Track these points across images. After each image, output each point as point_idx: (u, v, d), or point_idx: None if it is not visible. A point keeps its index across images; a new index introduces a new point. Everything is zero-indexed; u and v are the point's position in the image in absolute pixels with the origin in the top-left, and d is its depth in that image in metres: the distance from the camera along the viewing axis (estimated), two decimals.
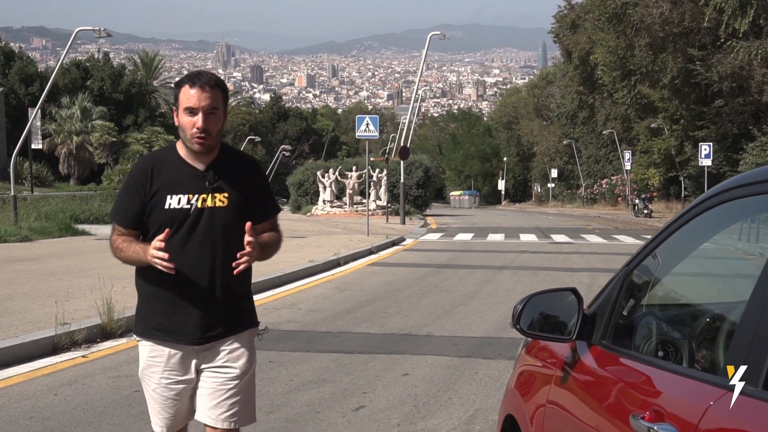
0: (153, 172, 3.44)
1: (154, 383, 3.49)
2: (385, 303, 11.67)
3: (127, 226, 3.46)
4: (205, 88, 3.35)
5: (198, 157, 3.44)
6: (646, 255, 2.64)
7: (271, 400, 6.30)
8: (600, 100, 60.58)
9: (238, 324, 3.53)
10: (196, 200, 3.41)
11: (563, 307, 2.80)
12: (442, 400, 6.43)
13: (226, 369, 3.49)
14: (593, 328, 2.72)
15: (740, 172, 2.53)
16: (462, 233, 28.75)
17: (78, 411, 5.95)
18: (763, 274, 1.93)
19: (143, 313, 3.55)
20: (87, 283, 11.50)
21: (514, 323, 2.74)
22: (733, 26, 28.78)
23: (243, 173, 3.52)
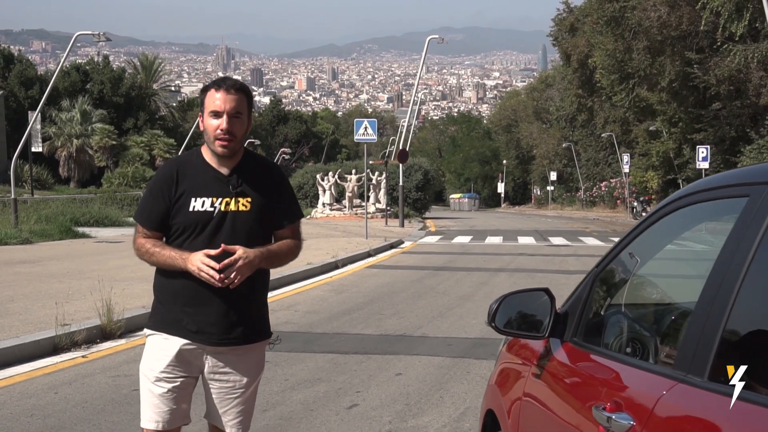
0: (178, 175, 3.52)
1: (156, 375, 3.52)
2: (381, 305, 11.82)
3: (152, 228, 3.53)
4: (230, 91, 3.46)
5: (222, 161, 3.52)
6: (614, 257, 2.80)
7: (266, 399, 6.45)
8: (599, 103, 60.77)
9: (255, 333, 3.58)
10: (219, 203, 3.47)
11: (539, 306, 2.95)
12: (434, 398, 6.58)
13: (237, 377, 3.56)
14: (565, 325, 2.87)
15: None
16: (460, 236, 28.90)
17: (78, 409, 6.10)
18: (711, 275, 2.08)
19: (161, 310, 3.58)
20: (87, 285, 11.65)
21: (489, 321, 2.90)
22: (730, 30, 28.92)
23: (266, 178, 3.60)
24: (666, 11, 38.86)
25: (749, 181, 2.16)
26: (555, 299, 2.89)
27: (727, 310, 1.96)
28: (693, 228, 2.49)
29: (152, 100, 73.98)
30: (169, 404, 3.53)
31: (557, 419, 2.66)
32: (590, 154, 72.33)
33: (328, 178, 41.26)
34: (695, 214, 2.44)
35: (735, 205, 2.12)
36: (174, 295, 3.52)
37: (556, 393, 2.74)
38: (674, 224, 2.57)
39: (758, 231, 1.97)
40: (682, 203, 2.45)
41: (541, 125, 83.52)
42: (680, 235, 2.60)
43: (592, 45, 50.77)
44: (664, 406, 2.04)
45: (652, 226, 2.61)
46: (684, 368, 2.07)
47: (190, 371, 3.55)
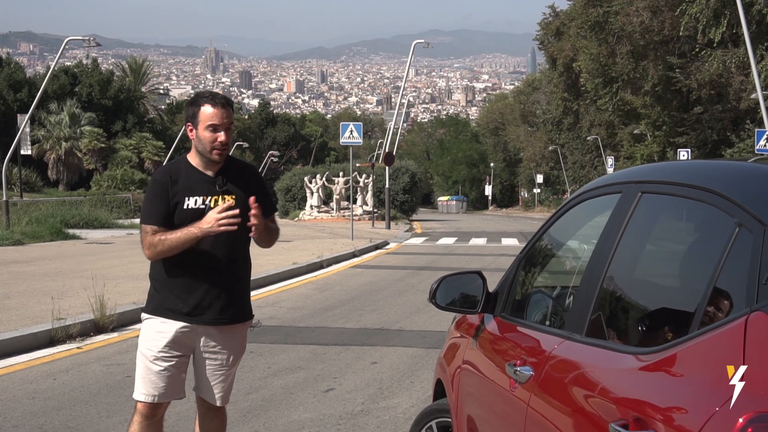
0: (172, 178, 4.09)
1: (154, 354, 4.05)
2: (362, 302, 12.35)
3: (159, 224, 4.03)
4: (225, 107, 4.06)
5: (208, 165, 4.10)
6: (533, 245, 3.34)
7: (250, 384, 6.98)
8: (584, 106, 61.43)
9: (241, 314, 4.19)
10: (209, 201, 4.06)
11: (477, 287, 3.48)
12: (405, 383, 7.12)
13: (224, 355, 4.15)
14: (496, 303, 3.41)
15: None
16: (445, 237, 29.45)
17: (75, 392, 6.62)
18: (590, 259, 2.63)
19: (159, 296, 4.11)
20: (79, 283, 12.14)
21: (430, 298, 3.43)
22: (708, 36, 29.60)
23: (246, 178, 4.19)
24: (648, 16, 39.53)
25: (622, 180, 2.71)
26: (486, 280, 3.42)
27: (598, 285, 2.51)
28: (589, 220, 3.02)
29: (141, 102, 74.31)
30: (165, 381, 4.08)
31: (484, 378, 3.20)
32: (576, 157, 73.06)
33: (315, 181, 41.76)
34: (589, 208, 2.98)
35: (612, 201, 2.66)
36: (170, 284, 4.08)
37: (484, 358, 3.29)
38: (576, 216, 3.12)
39: (623, 221, 2.52)
40: (580, 199, 3.00)
41: (528, 128, 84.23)
42: (583, 224, 3.14)
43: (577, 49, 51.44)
44: (553, 358, 2.59)
45: (560, 218, 3.17)
46: (570, 329, 2.61)
47: (184, 351, 4.12)
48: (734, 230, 1.98)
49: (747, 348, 1.75)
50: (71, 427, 5.71)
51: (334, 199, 40.76)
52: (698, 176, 2.29)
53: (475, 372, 3.35)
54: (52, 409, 6.13)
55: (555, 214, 3.21)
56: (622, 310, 2.47)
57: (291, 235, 27.06)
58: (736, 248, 1.95)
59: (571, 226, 3.23)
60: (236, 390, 6.71)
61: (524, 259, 3.36)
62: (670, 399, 1.91)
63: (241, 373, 7.40)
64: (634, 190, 2.57)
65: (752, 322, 1.77)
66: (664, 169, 2.56)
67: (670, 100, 43.95)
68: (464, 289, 3.48)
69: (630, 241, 2.50)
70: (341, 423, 5.92)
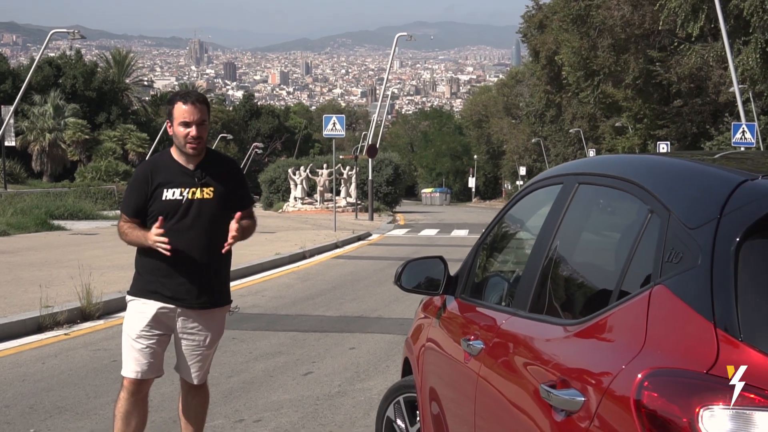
0: (152, 173, 4.37)
1: (137, 333, 4.35)
2: (343, 291, 12.64)
3: (132, 216, 4.38)
4: (196, 104, 4.31)
5: (188, 158, 4.36)
6: (489, 232, 3.65)
7: (231, 368, 7.27)
8: (567, 99, 61.84)
9: (219, 298, 4.47)
10: (187, 193, 4.32)
11: (439, 271, 3.78)
12: (381, 367, 7.42)
13: (202, 336, 4.44)
14: (456, 285, 3.70)
15: None
16: (428, 229, 29.76)
17: (64, 375, 6.89)
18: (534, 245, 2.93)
19: (141, 280, 4.42)
20: (66, 273, 12.37)
21: (395, 281, 3.73)
22: (687, 30, 29.99)
23: (225, 171, 4.46)
24: (629, 10, 39.95)
25: (563, 173, 3.01)
26: (447, 265, 3.72)
27: (540, 266, 2.81)
28: (536, 208, 3.32)
29: (125, 94, 74.21)
30: (147, 358, 4.38)
31: (443, 353, 3.51)
32: (559, 149, 73.53)
33: (299, 173, 41.93)
34: (537, 198, 3.28)
35: (555, 191, 2.96)
36: (153, 269, 4.36)
37: (444, 335, 3.59)
38: (526, 205, 3.43)
39: (563, 209, 2.82)
40: (529, 190, 3.31)
41: (511, 121, 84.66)
42: (531, 212, 3.44)
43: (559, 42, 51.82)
44: (500, 331, 2.89)
45: (512, 207, 3.48)
46: (516, 307, 2.92)
47: (165, 330, 4.42)
48: (647, 216, 2.28)
49: (650, 316, 2.05)
50: (61, 407, 5.98)
51: (318, 191, 40.97)
52: (623, 169, 2.59)
53: (436, 348, 3.66)
54: (42, 391, 6.41)
55: (508, 204, 3.52)
56: (558, 288, 2.77)
57: (274, 226, 27.30)
58: (648, 232, 2.25)
59: (521, 214, 3.54)
60: (218, 373, 7.03)
61: (481, 244, 3.66)
62: (587, 361, 2.21)
63: (223, 358, 7.70)
64: (572, 182, 2.87)
65: (654, 294, 2.07)
66: (597, 163, 2.87)
67: (650, 93, 44.40)
68: (428, 273, 3.78)
69: (568, 227, 2.80)
70: (318, 403, 6.22)
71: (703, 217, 2.05)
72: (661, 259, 2.12)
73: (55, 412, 5.88)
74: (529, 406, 2.42)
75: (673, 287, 2.03)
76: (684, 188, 2.24)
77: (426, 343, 3.86)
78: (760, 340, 1.84)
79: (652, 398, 1.87)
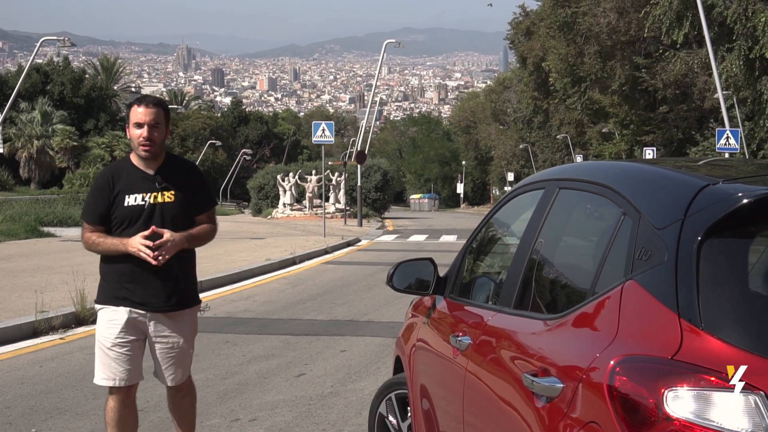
0: (113, 178, 4.41)
1: (111, 342, 4.39)
2: (333, 296, 12.81)
3: (97, 223, 4.41)
4: (150, 106, 4.34)
5: (148, 163, 4.39)
6: (476, 235, 3.83)
7: (226, 370, 7.44)
8: (554, 105, 62.19)
9: (186, 300, 4.52)
10: (148, 198, 4.37)
11: (429, 272, 3.96)
12: (372, 369, 7.60)
13: (174, 338, 4.47)
14: (445, 285, 3.89)
15: None
16: (416, 235, 29.96)
17: (61, 378, 7.04)
18: (518, 246, 3.12)
19: (108, 287, 4.45)
20: (58, 279, 12.50)
21: (388, 281, 3.91)
22: (671, 37, 30.34)
23: (185, 175, 4.51)
24: (615, 17, 40.31)
25: (545, 178, 3.21)
26: (437, 266, 3.91)
27: (524, 266, 3.00)
28: (520, 212, 3.52)
29: (113, 101, 74.18)
30: (123, 365, 4.43)
31: (432, 350, 3.70)
32: (547, 155, 73.88)
33: (288, 179, 42.09)
34: (521, 202, 3.47)
35: (537, 196, 3.16)
36: (118, 275, 4.40)
37: (434, 332, 3.77)
38: (510, 209, 3.63)
39: (544, 213, 3.01)
40: (514, 194, 3.51)
41: (499, 127, 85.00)
42: (515, 216, 3.64)
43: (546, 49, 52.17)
44: (486, 327, 3.08)
45: (498, 211, 3.68)
46: (502, 304, 3.11)
47: (138, 335, 4.46)
48: (620, 218, 2.48)
49: (621, 308, 2.25)
50: (60, 409, 6.14)
51: (307, 197, 41.13)
52: (599, 175, 2.79)
53: (426, 346, 3.84)
54: (41, 393, 6.56)
55: (494, 208, 3.71)
56: (540, 285, 2.97)
57: (264, 232, 27.45)
58: (621, 232, 2.45)
59: (506, 217, 3.74)
60: (213, 375, 7.20)
61: (469, 247, 3.85)
62: (566, 351, 2.41)
63: (216, 360, 7.87)
64: (553, 187, 3.06)
65: (626, 289, 2.27)
66: (576, 169, 3.07)
67: (637, 99, 44.75)
68: (419, 275, 3.96)
69: (550, 229, 3.00)
70: (311, 403, 6.39)
71: (669, 219, 2.25)
72: (632, 257, 2.31)
73: (56, 412, 6.04)
74: (514, 395, 2.61)
75: (643, 282, 2.22)
76: (653, 192, 2.44)
77: (416, 342, 4.04)
78: (718, 328, 2.04)
79: (622, 382, 2.06)
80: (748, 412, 1.90)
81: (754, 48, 27.19)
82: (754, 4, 26.99)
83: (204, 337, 9.04)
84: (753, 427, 1.89)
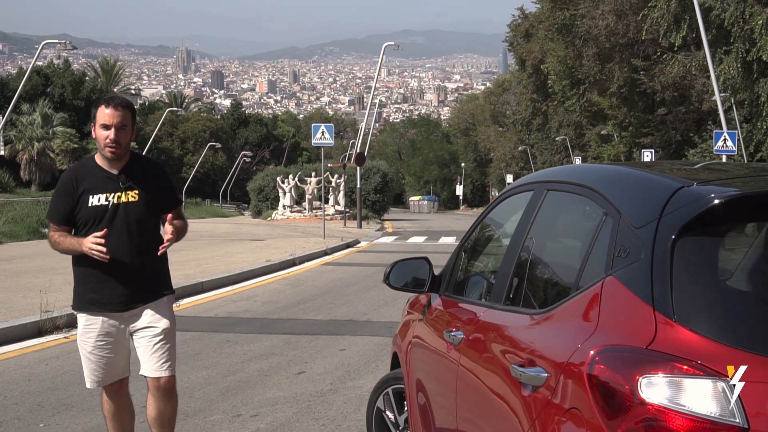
0: (77, 180, 4.45)
1: (90, 347, 4.50)
2: (333, 296, 12.97)
3: (61, 223, 4.47)
4: (117, 108, 4.34)
5: (112, 163, 4.40)
6: (470, 235, 3.99)
7: (227, 368, 7.59)
8: (553, 107, 62.34)
9: (156, 293, 4.55)
10: (112, 197, 4.39)
11: (425, 271, 4.12)
12: (371, 367, 7.75)
13: (152, 328, 4.51)
14: (440, 283, 4.05)
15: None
16: (416, 236, 30.11)
17: (67, 375, 7.19)
18: (509, 246, 3.28)
19: (79, 292, 4.53)
20: (62, 280, 12.63)
21: (384, 279, 4.06)
22: (669, 40, 30.51)
23: (150, 174, 4.52)
24: (613, 20, 40.48)
25: (534, 181, 3.37)
26: (432, 265, 4.06)
27: (514, 264, 3.16)
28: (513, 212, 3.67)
29: None
30: (104, 367, 4.56)
31: (427, 345, 3.85)
32: (546, 157, 74.03)
33: (288, 181, 42.25)
34: (512, 203, 3.63)
35: (527, 197, 3.31)
36: (83, 279, 4.48)
37: (429, 328, 3.93)
38: (502, 210, 3.79)
39: (533, 213, 3.17)
40: (505, 196, 3.68)
41: (498, 129, 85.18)
42: (507, 216, 3.80)
43: (545, 51, 52.35)
44: (478, 322, 3.24)
45: (490, 212, 3.84)
46: (493, 300, 3.26)
47: (116, 336, 4.52)
48: (602, 218, 2.64)
49: (602, 302, 2.41)
50: (67, 404, 6.30)
51: (307, 199, 41.29)
52: (584, 177, 2.95)
53: (422, 342, 4.00)
54: (48, 389, 6.72)
55: (486, 209, 3.87)
56: (529, 282, 3.13)
57: (264, 234, 27.60)
58: (603, 231, 2.61)
59: (498, 218, 3.91)
60: (215, 373, 7.36)
61: (463, 246, 4.01)
62: (550, 343, 2.57)
63: (218, 359, 8.03)
64: (542, 188, 3.22)
65: (606, 284, 2.42)
66: (563, 172, 3.23)
67: (635, 101, 44.92)
68: (415, 273, 4.12)
69: (538, 229, 3.16)
70: (311, 400, 6.55)
71: (646, 218, 2.40)
72: (613, 254, 2.47)
73: (62, 408, 6.20)
74: (502, 385, 2.77)
75: (621, 278, 2.38)
76: (632, 194, 2.60)
77: (412, 338, 4.20)
78: (690, 320, 2.19)
79: (601, 371, 2.22)
80: (716, 397, 2.06)
81: (751, 50, 27.34)
82: (752, 7, 27.15)
83: (206, 337, 9.22)
84: (720, 411, 2.05)
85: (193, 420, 5.97)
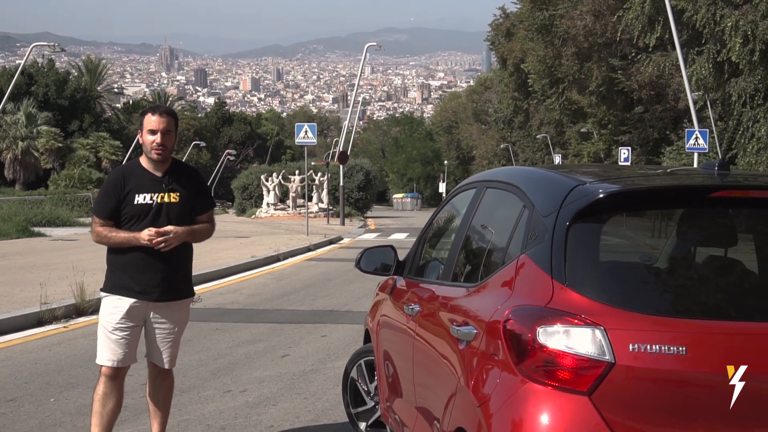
0: (124, 179, 4.98)
1: (113, 326, 4.94)
2: (316, 289, 13.64)
3: (106, 218, 4.95)
4: (163, 115, 4.86)
5: (156, 166, 4.92)
6: (429, 225, 4.68)
7: (217, 352, 8.26)
8: (534, 105, 63.16)
9: (184, 292, 5.12)
10: (156, 197, 4.92)
11: (391, 257, 4.80)
12: (350, 350, 8.40)
13: (170, 325, 5.05)
14: (404, 267, 4.73)
15: None
16: (398, 233, 30.82)
17: (70, 359, 7.85)
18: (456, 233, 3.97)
19: (114, 277, 4.99)
20: (56, 275, 13.26)
21: (356, 264, 4.75)
22: (644, 41, 31.33)
23: (189, 178, 5.11)
24: (591, 20, 41.30)
25: (477, 180, 4.08)
26: (397, 251, 4.75)
27: (459, 249, 3.85)
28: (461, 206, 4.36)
29: (97, 102, 74.69)
30: (123, 347, 5.00)
31: (392, 320, 4.54)
32: (527, 154, 74.88)
33: (272, 179, 42.82)
34: (461, 199, 4.32)
35: (471, 194, 4.01)
36: (123, 266, 4.97)
37: (393, 306, 4.62)
38: (453, 204, 4.49)
39: (474, 209, 3.87)
40: (455, 192, 4.38)
41: (480, 126, 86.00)
42: (458, 210, 4.48)
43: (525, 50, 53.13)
44: (431, 296, 3.94)
45: (444, 207, 4.53)
46: (443, 279, 3.95)
47: (137, 322, 5.03)
48: (522, 209, 3.33)
49: (517, 275, 3.10)
50: (73, 383, 6.95)
51: (290, 197, 41.88)
52: (512, 177, 3.65)
53: (388, 318, 4.69)
54: (54, 371, 7.37)
55: (441, 204, 4.57)
56: (467, 263, 3.82)
57: (248, 231, 28.22)
58: (522, 220, 3.30)
59: (449, 211, 4.61)
60: (206, 356, 8.02)
61: (423, 235, 4.70)
62: (478, 307, 3.26)
63: (209, 344, 8.69)
64: (482, 186, 3.92)
65: (520, 260, 3.12)
66: (499, 173, 3.93)
67: (614, 99, 45.74)
68: (383, 259, 4.80)
69: (478, 219, 3.85)
70: (295, 378, 7.23)
71: (550, 209, 3.10)
72: (527, 237, 3.16)
73: (69, 387, 6.85)
74: (444, 344, 3.47)
75: (531, 255, 3.07)
76: (542, 190, 3.30)
77: (381, 317, 4.89)
78: (577, 285, 2.89)
79: (511, 324, 2.91)
80: (594, 342, 2.75)
81: (722, 51, 28.18)
82: (722, 9, 27.97)
83: (195, 326, 9.87)
84: (597, 351, 2.74)
85: (188, 395, 6.63)
